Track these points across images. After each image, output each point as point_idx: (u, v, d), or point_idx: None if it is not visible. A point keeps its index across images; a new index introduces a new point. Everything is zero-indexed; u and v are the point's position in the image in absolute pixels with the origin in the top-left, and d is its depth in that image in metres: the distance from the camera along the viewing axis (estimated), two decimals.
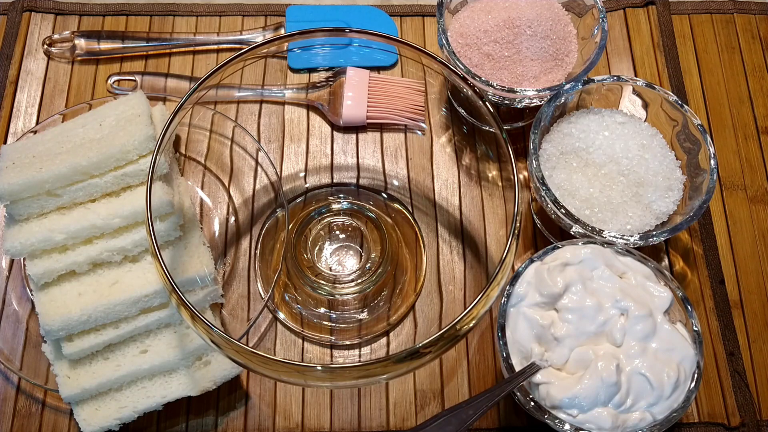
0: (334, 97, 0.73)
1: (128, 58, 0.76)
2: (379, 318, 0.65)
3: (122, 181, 0.62)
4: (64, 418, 0.61)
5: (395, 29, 0.77)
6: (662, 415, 0.54)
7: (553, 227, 0.68)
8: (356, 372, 0.50)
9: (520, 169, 0.71)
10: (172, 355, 0.60)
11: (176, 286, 0.51)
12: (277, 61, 0.76)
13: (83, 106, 0.70)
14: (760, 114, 0.75)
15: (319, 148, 0.72)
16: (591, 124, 0.65)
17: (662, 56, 0.76)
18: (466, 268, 0.67)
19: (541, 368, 0.54)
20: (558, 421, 0.53)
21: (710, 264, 0.68)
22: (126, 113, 0.65)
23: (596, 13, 0.66)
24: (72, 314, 0.58)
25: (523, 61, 0.66)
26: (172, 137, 0.70)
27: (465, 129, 0.73)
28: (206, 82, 0.58)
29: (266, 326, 0.65)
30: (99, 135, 0.63)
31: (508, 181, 0.68)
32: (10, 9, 0.77)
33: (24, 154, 0.63)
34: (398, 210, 0.70)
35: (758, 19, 0.79)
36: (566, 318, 0.55)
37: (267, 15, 0.78)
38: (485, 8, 0.68)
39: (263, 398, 0.62)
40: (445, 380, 0.63)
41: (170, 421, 0.61)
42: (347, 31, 0.61)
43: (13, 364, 0.62)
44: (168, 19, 0.78)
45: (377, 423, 0.62)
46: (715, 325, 0.66)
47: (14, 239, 0.59)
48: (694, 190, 0.62)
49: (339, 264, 0.67)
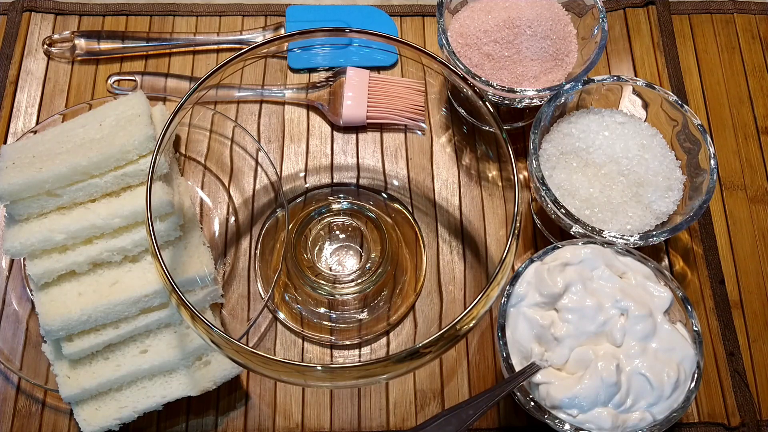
0: (334, 97, 0.73)
1: (128, 58, 0.76)
2: (379, 318, 0.65)
3: (122, 181, 0.62)
4: (64, 418, 0.61)
5: (395, 29, 0.77)
6: (662, 415, 0.54)
7: (553, 227, 0.68)
8: (356, 372, 0.50)
9: (520, 169, 0.71)
10: (172, 355, 0.60)
11: (176, 286, 0.51)
12: (277, 61, 0.76)
13: (83, 106, 0.70)
14: (760, 114, 0.75)
15: (319, 148, 0.72)
16: (591, 124, 0.65)
17: (662, 56, 0.76)
18: (466, 268, 0.67)
19: (541, 368, 0.54)
20: (558, 421, 0.53)
21: (710, 264, 0.68)
22: (126, 113, 0.65)
23: (596, 13, 0.66)
24: (72, 314, 0.58)
25: (523, 61, 0.66)
26: (172, 137, 0.70)
27: (465, 129, 0.73)
28: (206, 82, 0.58)
29: (266, 326, 0.65)
30: (99, 135, 0.63)
31: (508, 181, 0.68)
32: (10, 9, 0.77)
33: (24, 154, 0.63)
34: (398, 210, 0.70)
35: (758, 19, 0.79)
36: (566, 318, 0.55)
37: (267, 15, 0.78)
38: (485, 8, 0.68)
39: (263, 398, 0.62)
40: (445, 380, 0.63)
41: (170, 421, 0.61)
42: (347, 31, 0.61)
43: (13, 364, 0.62)
44: (168, 19, 0.78)
45: (377, 423, 0.62)
46: (715, 325, 0.66)
47: (14, 239, 0.59)
48: (694, 190, 0.62)
49: (339, 264, 0.67)
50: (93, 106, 0.70)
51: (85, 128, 0.65)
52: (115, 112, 0.65)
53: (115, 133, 0.63)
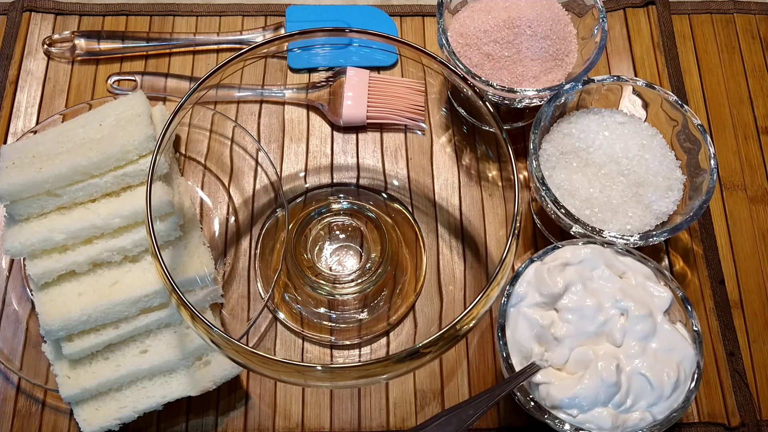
0: (334, 97, 0.73)
1: (128, 58, 0.76)
2: (379, 318, 0.65)
3: (122, 181, 0.62)
4: (64, 418, 0.61)
5: (395, 29, 0.77)
6: (662, 415, 0.54)
7: (553, 227, 0.68)
8: (356, 372, 0.50)
9: (520, 169, 0.71)
10: (172, 355, 0.60)
11: (176, 286, 0.51)
12: (277, 61, 0.76)
13: (83, 106, 0.70)
14: (760, 114, 0.75)
15: (319, 148, 0.72)
16: (591, 124, 0.65)
17: (662, 56, 0.76)
18: (466, 268, 0.67)
19: (541, 368, 0.54)
20: (558, 421, 0.53)
21: (710, 264, 0.68)
22: (126, 113, 0.65)
23: (596, 13, 0.66)
24: (72, 314, 0.58)
25: (523, 61, 0.66)
26: (172, 137, 0.70)
27: (465, 129, 0.73)
28: (206, 82, 0.58)
29: (266, 326, 0.65)
30: (99, 135, 0.63)
31: (508, 181, 0.68)
32: (10, 9, 0.77)
33: (24, 154, 0.63)
34: (398, 210, 0.70)
35: (758, 19, 0.79)
36: (566, 318, 0.55)
37: (267, 15, 0.78)
38: (485, 8, 0.68)
39: (263, 398, 0.62)
40: (445, 380, 0.63)
41: (170, 421, 0.61)
42: (347, 31, 0.61)
43: (13, 364, 0.62)
44: (168, 19, 0.78)
45: (377, 423, 0.62)
46: (715, 325, 0.66)
47: (14, 239, 0.59)
48: (694, 190, 0.62)
49: (339, 264, 0.67)
50: (93, 106, 0.70)
51: (85, 128, 0.65)
52: (115, 112, 0.65)
53: (115, 133, 0.63)
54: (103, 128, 0.64)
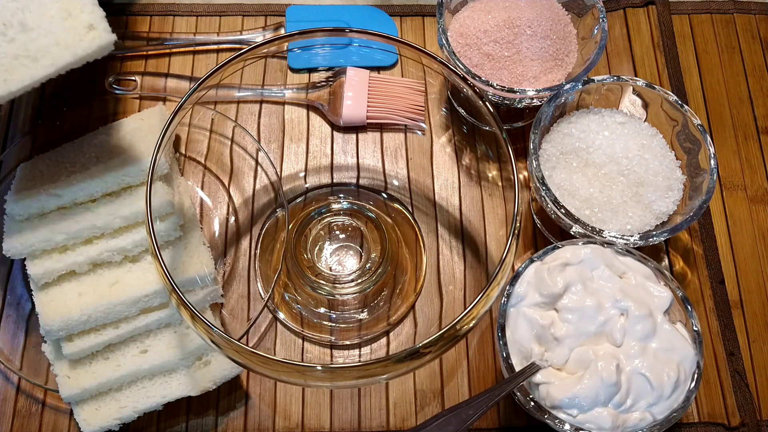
0: (334, 97, 0.73)
1: (128, 58, 0.76)
2: (379, 318, 0.65)
3: (122, 181, 0.62)
4: (64, 418, 0.61)
5: (395, 29, 0.77)
6: (662, 415, 0.54)
7: (553, 227, 0.68)
8: (356, 372, 0.50)
9: (520, 169, 0.71)
10: (172, 355, 0.60)
11: (176, 286, 0.51)
12: (277, 61, 0.76)
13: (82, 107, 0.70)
14: (760, 114, 0.75)
15: (319, 148, 0.72)
16: (591, 124, 0.65)
17: (662, 56, 0.76)
18: (466, 268, 0.67)
19: (541, 368, 0.54)
20: (558, 421, 0.53)
21: (710, 264, 0.68)
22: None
23: (596, 13, 0.66)
24: (72, 314, 0.58)
25: (523, 61, 0.66)
26: (172, 137, 0.70)
27: (465, 129, 0.73)
28: (206, 82, 0.58)
29: (266, 326, 0.65)
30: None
31: (508, 181, 0.68)
32: None
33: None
34: (398, 210, 0.70)
35: (758, 19, 0.79)
36: (566, 318, 0.55)
37: (267, 15, 0.78)
38: (485, 8, 0.68)
39: (263, 398, 0.62)
40: (445, 380, 0.63)
41: (170, 421, 0.61)
42: (347, 31, 0.61)
43: (13, 364, 0.62)
44: (168, 19, 0.78)
45: (377, 423, 0.62)
46: (715, 325, 0.66)
47: (14, 239, 0.59)
48: (694, 190, 0.62)
49: (339, 264, 0.67)
50: (93, 106, 0.70)
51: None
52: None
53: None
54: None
